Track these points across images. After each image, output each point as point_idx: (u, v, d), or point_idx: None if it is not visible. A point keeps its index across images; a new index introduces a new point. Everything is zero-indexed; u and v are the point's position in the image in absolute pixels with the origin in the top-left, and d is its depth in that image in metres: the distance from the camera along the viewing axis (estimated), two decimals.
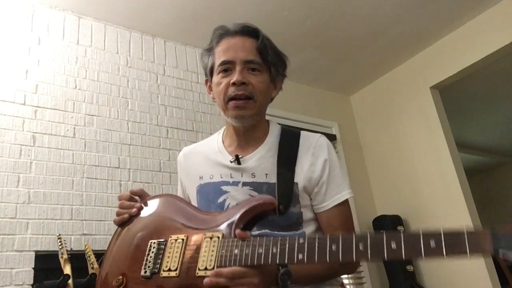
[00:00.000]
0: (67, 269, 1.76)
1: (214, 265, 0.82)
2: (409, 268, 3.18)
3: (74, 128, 2.34)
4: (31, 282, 1.91)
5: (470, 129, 5.14)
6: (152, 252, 0.91)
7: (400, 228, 3.30)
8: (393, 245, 0.67)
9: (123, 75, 2.66)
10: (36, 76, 2.33)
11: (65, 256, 1.82)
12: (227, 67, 1.05)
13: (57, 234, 2.01)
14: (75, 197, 2.19)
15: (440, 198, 3.21)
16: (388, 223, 3.31)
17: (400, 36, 3.21)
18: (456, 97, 4.02)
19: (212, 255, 0.85)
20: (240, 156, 1.05)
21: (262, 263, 0.78)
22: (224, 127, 1.19)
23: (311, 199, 1.03)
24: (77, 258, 1.90)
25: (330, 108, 3.86)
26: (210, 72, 1.12)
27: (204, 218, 0.95)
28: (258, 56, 1.06)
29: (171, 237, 0.92)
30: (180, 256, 0.88)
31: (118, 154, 2.42)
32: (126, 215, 1.01)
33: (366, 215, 3.47)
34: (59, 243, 1.92)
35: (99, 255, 1.93)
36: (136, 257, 0.93)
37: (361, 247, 0.69)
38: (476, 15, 3.09)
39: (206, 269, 0.83)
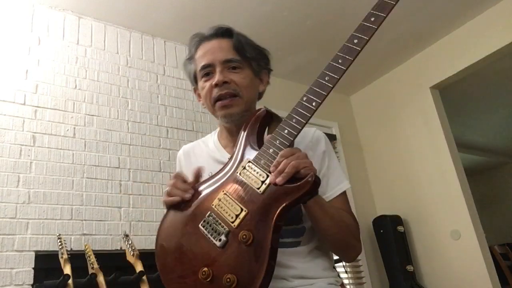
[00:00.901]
0: (67, 269, 1.76)
1: (266, 174, 0.86)
2: (409, 268, 3.18)
3: (74, 128, 2.34)
4: (31, 282, 1.90)
5: (470, 129, 5.14)
6: (209, 226, 0.89)
7: (400, 228, 3.30)
8: (355, 40, 0.96)
9: (123, 75, 2.66)
10: (36, 76, 2.33)
11: (65, 256, 1.82)
12: (208, 71, 1.08)
13: (57, 234, 2.01)
14: (75, 197, 2.19)
15: (440, 198, 3.21)
16: (388, 223, 3.31)
17: (400, 36, 3.21)
18: (456, 97, 4.02)
19: (257, 172, 0.88)
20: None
21: (295, 134, 0.87)
22: (218, 128, 1.20)
23: None
24: (77, 258, 1.90)
25: (330, 108, 3.86)
26: (195, 80, 1.15)
27: (223, 172, 0.96)
28: (236, 54, 1.07)
29: (212, 204, 0.91)
30: (234, 202, 0.88)
31: (118, 154, 2.42)
32: (177, 198, 0.95)
33: (366, 215, 3.47)
34: (59, 243, 1.92)
35: (99, 255, 1.94)
36: (202, 246, 0.90)
37: (340, 61, 0.95)
38: (476, 15, 3.09)
39: (263, 182, 0.85)
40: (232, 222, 0.86)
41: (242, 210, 0.86)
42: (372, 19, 0.94)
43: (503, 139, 5.74)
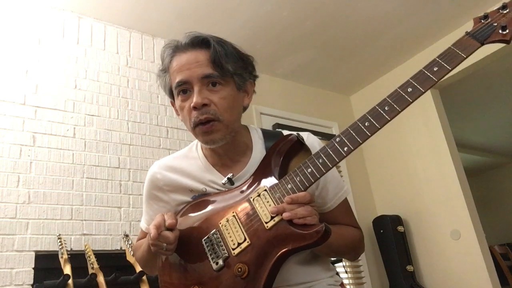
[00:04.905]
0: (67, 269, 1.76)
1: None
2: (409, 268, 3.18)
3: (74, 128, 2.34)
4: (31, 282, 1.90)
5: (470, 129, 5.14)
6: (211, 245, 0.90)
7: (400, 228, 3.30)
8: (409, 89, 0.81)
9: (123, 75, 2.66)
10: (36, 76, 2.33)
11: (65, 256, 1.82)
12: (184, 88, 0.96)
13: (57, 234, 2.01)
14: (75, 197, 2.19)
15: (440, 198, 3.21)
16: (388, 223, 3.31)
17: (400, 36, 3.21)
18: (456, 97, 4.02)
19: (270, 205, 0.85)
20: (231, 174, 0.98)
21: (318, 177, 0.82)
22: (199, 143, 1.09)
23: None
24: (77, 258, 1.90)
25: (330, 108, 3.86)
26: (171, 94, 1.05)
27: (237, 191, 0.94)
28: (215, 68, 0.95)
29: (220, 222, 0.90)
30: (240, 228, 0.87)
31: (118, 154, 2.42)
32: (162, 251, 0.90)
33: (366, 215, 3.47)
34: (59, 243, 1.93)
35: (99, 255, 1.94)
36: (199, 262, 0.90)
37: (386, 108, 0.82)
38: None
39: (272, 218, 0.83)
40: (233, 249, 0.86)
41: (245, 240, 0.86)
42: (435, 68, 0.82)
43: (503, 139, 5.74)
